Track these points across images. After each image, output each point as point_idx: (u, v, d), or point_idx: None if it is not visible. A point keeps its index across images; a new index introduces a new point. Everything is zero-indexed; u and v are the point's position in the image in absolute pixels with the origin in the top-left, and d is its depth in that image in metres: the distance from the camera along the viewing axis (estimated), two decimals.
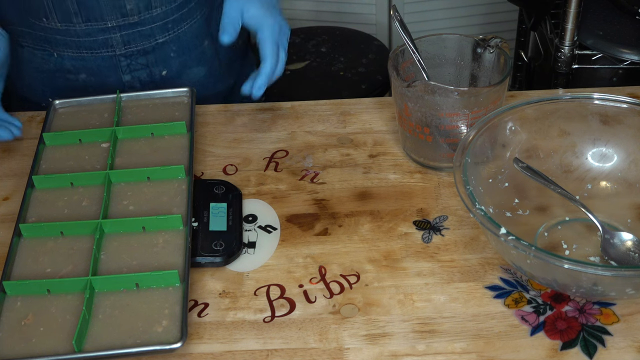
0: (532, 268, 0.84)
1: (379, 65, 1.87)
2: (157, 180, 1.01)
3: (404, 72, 1.05)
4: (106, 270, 0.90)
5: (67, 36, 1.17)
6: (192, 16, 1.22)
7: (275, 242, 0.97)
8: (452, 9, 2.33)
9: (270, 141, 1.12)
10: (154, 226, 0.95)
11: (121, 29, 1.17)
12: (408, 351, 0.84)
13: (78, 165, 1.04)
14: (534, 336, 0.85)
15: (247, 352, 0.85)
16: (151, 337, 0.84)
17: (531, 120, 0.99)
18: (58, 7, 1.14)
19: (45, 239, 0.94)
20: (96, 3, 1.14)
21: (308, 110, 1.17)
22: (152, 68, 1.23)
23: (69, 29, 1.16)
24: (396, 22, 1.01)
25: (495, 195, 0.95)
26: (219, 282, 0.93)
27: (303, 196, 1.03)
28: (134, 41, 1.19)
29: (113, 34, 1.18)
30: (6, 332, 0.85)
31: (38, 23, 1.17)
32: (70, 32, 1.17)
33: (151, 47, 1.21)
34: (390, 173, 1.06)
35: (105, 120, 1.10)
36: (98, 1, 1.14)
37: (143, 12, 1.17)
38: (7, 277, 0.90)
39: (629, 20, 1.62)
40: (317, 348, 0.85)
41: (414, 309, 0.88)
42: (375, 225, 0.98)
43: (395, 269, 0.93)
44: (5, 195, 1.05)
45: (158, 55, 1.22)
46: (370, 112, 1.16)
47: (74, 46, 1.19)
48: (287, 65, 1.33)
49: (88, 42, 1.18)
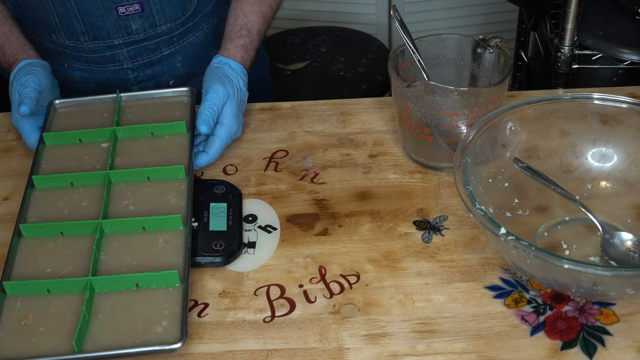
0: (532, 268, 0.84)
1: (379, 65, 1.87)
2: (157, 180, 1.01)
3: (404, 72, 1.05)
4: (106, 271, 0.90)
5: (76, 51, 1.20)
6: (197, 28, 1.24)
7: (275, 242, 0.97)
8: (452, 9, 2.33)
9: (270, 141, 1.12)
10: (154, 226, 0.95)
11: (127, 45, 1.20)
12: (408, 351, 0.84)
13: (78, 165, 1.04)
14: (534, 336, 0.85)
15: (247, 352, 0.85)
16: (151, 337, 0.84)
17: (531, 120, 0.99)
18: (66, 26, 1.17)
19: (45, 239, 0.94)
20: (102, 24, 1.16)
21: (308, 110, 1.17)
22: (159, 78, 1.25)
23: (77, 46, 1.19)
24: (396, 22, 1.01)
25: (495, 195, 0.95)
26: (219, 282, 0.93)
27: (303, 196, 1.03)
28: (140, 55, 1.22)
29: (119, 50, 1.20)
30: (6, 332, 0.85)
31: (48, 37, 1.18)
32: (78, 49, 1.19)
33: (157, 59, 1.23)
34: (390, 173, 1.06)
35: (105, 120, 1.10)
36: (104, 22, 1.16)
37: (148, 30, 1.18)
38: (7, 277, 0.90)
39: (629, 20, 1.62)
40: (317, 348, 0.85)
41: (414, 309, 0.88)
42: (375, 225, 0.98)
43: (395, 269, 0.93)
44: (5, 195, 1.05)
45: (164, 66, 1.24)
46: (370, 112, 1.16)
47: (83, 60, 1.21)
48: (287, 65, 1.33)
49: (96, 57, 1.21)
